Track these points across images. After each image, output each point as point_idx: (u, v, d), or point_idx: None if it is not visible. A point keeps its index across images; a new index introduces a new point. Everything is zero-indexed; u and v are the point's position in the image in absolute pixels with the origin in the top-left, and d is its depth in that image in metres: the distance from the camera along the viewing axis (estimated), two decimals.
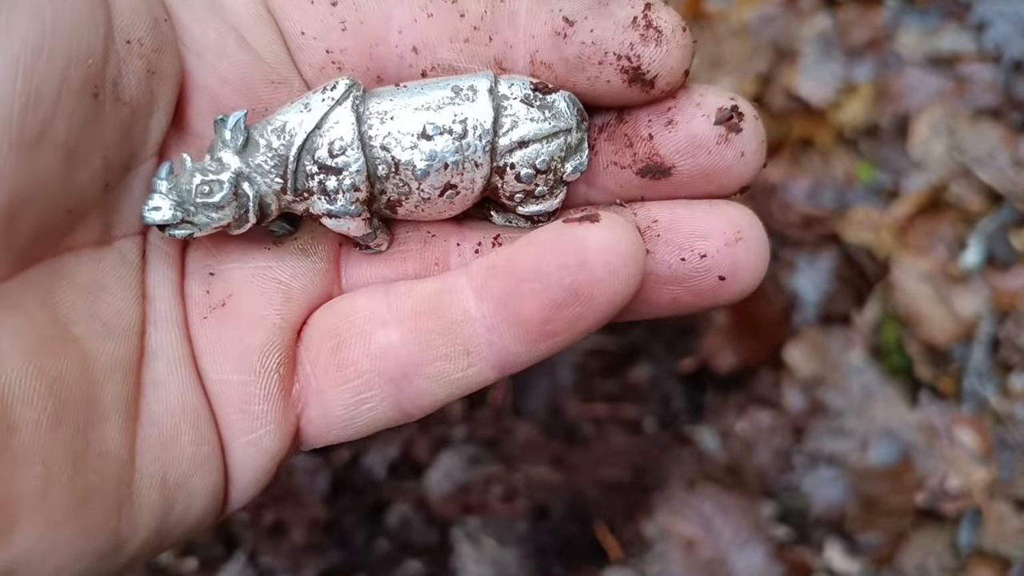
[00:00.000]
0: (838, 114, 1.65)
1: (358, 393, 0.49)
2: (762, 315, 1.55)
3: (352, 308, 0.51)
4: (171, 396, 0.47)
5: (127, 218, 0.48)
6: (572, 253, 0.44)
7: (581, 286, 0.44)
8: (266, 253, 0.52)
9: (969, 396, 1.44)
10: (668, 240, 0.49)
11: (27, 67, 0.38)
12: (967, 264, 1.51)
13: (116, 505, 0.43)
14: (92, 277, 0.46)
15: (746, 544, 1.38)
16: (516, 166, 0.50)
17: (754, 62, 1.69)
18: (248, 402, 0.49)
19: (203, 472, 0.47)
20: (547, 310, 0.45)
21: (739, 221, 0.49)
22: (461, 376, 0.49)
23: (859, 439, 1.44)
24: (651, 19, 0.47)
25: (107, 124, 0.44)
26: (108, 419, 0.44)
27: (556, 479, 1.44)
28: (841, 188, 1.61)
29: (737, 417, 1.49)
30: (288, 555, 1.38)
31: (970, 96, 1.64)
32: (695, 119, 0.49)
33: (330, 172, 0.48)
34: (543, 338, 0.47)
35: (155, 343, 0.48)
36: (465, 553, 1.40)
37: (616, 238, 0.44)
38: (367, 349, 0.49)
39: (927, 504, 1.38)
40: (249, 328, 0.49)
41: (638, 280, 0.45)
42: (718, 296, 0.49)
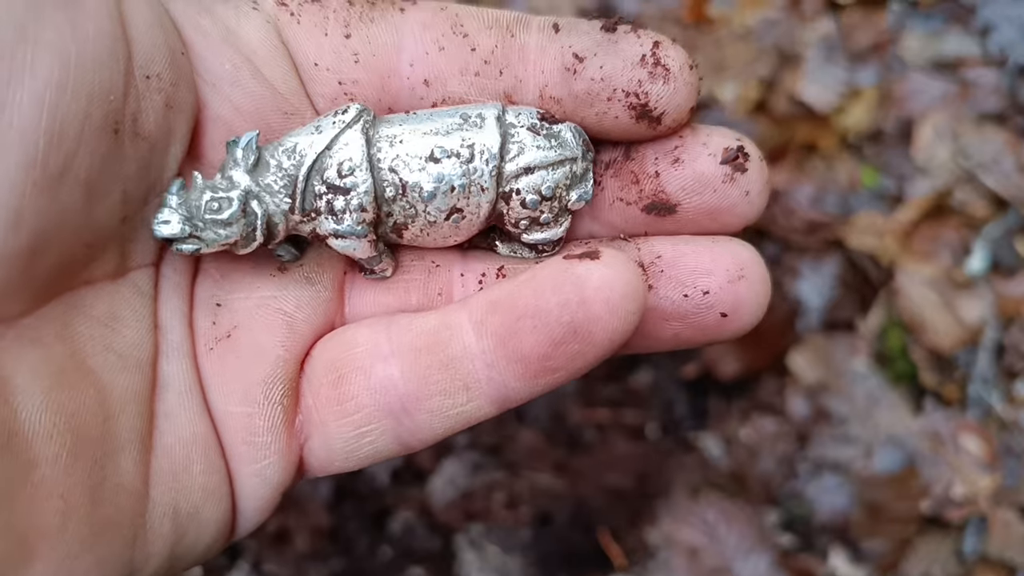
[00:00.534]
0: (842, 119, 1.64)
1: (358, 427, 0.50)
2: (765, 321, 1.53)
3: (353, 341, 0.51)
4: (182, 427, 0.48)
5: (141, 250, 0.49)
6: (572, 291, 0.45)
7: (580, 324, 0.45)
8: (271, 281, 0.52)
9: (974, 403, 1.44)
10: (671, 276, 0.50)
11: (52, 105, 0.38)
12: (972, 270, 1.51)
13: (131, 536, 0.44)
14: (108, 309, 0.46)
15: (750, 552, 1.37)
16: (522, 192, 0.50)
17: (757, 66, 1.68)
18: (253, 433, 0.49)
19: (213, 501, 0.48)
20: (546, 347, 0.45)
21: (742, 258, 0.50)
22: (460, 411, 0.49)
23: (863, 446, 1.44)
24: (659, 57, 0.48)
25: (127, 159, 0.44)
26: (123, 451, 0.44)
27: (559, 486, 1.44)
28: (845, 193, 1.61)
29: (741, 424, 1.48)
30: (292, 563, 1.38)
31: (974, 101, 1.64)
32: (701, 158, 0.50)
33: (338, 192, 0.49)
34: (542, 375, 0.47)
35: (166, 374, 0.48)
36: (468, 560, 1.40)
37: (616, 276, 0.45)
38: (367, 383, 0.50)
39: (932, 511, 1.38)
40: (253, 360, 0.50)
41: (637, 317, 0.45)
42: (719, 332, 0.50)
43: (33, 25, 0.38)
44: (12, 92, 0.37)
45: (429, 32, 0.51)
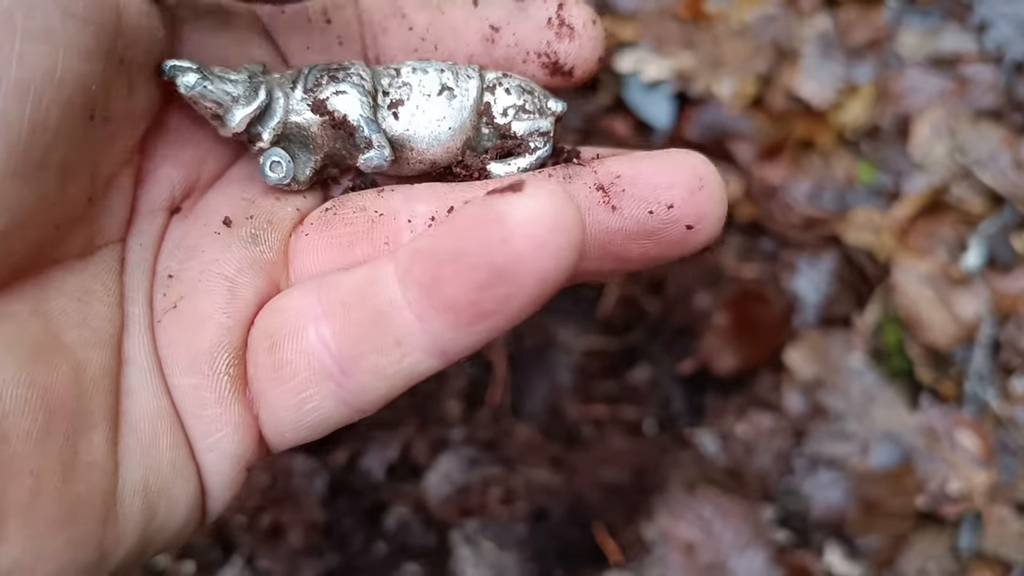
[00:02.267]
0: (839, 115, 1.64)
1: (298, 393, 0.48)
2: (762, 317, 1.54)
3: (286, 304, 0.49)
4: (146, 401, 0.47)
5: (107, 227, 0.48)
6: (492, 229, 0.40)
7: (504, 264, 0.40)
8: (215, 242, 0.50)
9: (970, 399, 1.44)
10: (634, 194, 0.49)
11: (38, 93, 0.38)
12: (968, 266, 1.51)
13: (102, 516, 0.43)
14: (80, 284, 0.46)
15: (746, 548, 1.37)
16: (504, 83, 0.55)
17: (754, 63, 1.68)
18: (201, 406, 0.47)
19: (182, 478, 0.47)
20: (473, 293, 0.42)
21: (700, 169, 0.49)
22: (398, 369, 0.46)
23: (860, 442, 1.44)
24: (564, 17, 0.54)
25: (97, 142, 0.44)
26: (95, 428, 0.44)
27: (555, 481, 1.44)
28: (842, 189, 1.60)
29: (737, 419, 1.48)
30: (286, 558, 1.37)
31: (971, 97, 1.64)
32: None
33: (338, 71, 0.52)
34: (476, 320, 0.43)
35: (129, 349, 0.47)
36: (464, 556, 1.39)
37: (542, 208, 0.40)
38: (300, 347, 0.47)
39: (928, 507, 1.38)
40: (197, 329, 0.48)
41: (572, 252, 0.41)
42: (685, 245, 0.49)
43: (22, 13, 0.38)
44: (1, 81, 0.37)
45: (375, 15, 0.56)
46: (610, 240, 0.48)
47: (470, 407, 1.49)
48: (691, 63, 1.69)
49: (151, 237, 0.50)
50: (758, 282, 1.57)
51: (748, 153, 1.63)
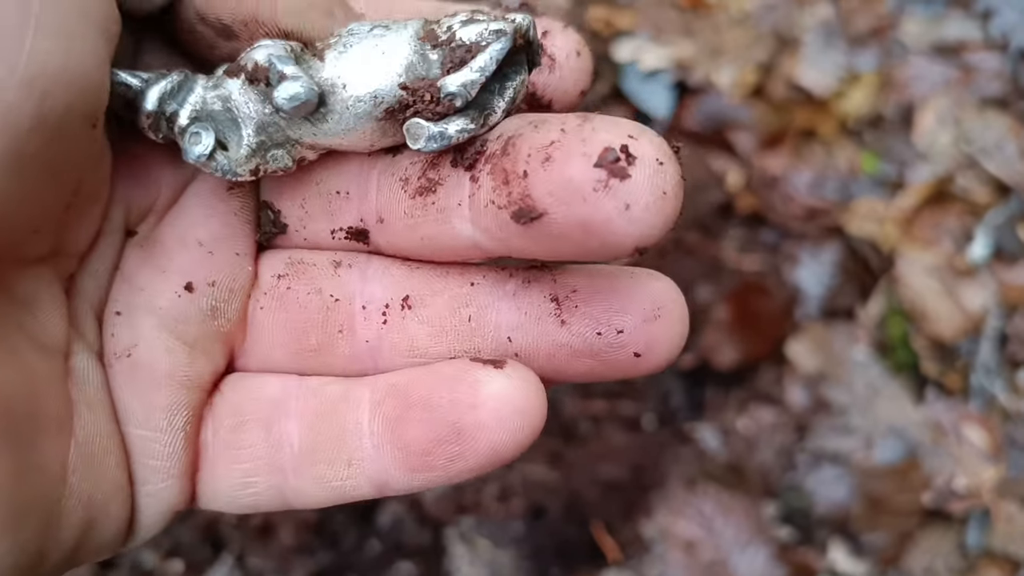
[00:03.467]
0: (841, 104, 1.61)
1: (246, 476, 0.50)
2: (763, 309, 1.51)
3: (262, 390, 0.51)
4: (100, 420, 0.47)
5: (77, 237, 0.47)
6: (465, 392, 0.45)
7: (465, 426, 0.44)
8: (175, 303, 0.50)
9: (977, 392, 1.41)
10: (585, 313, 0.47)
11: (45, 91, 0.37)
12: (974, 257, 1.48)
13: (46, 523, 0.43)
14: (30, 291, 0.45)
15: (748, 545, 1.34)
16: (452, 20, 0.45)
17: (755, 51, 1.65)
18: (151, 456, 0.48)
19: (120, 499, 0.47)
20: (428, 441, 0.45)
21: (659, 296, 0.47)
22: (339, 485, 0.48)
23: (864, 437, 1.41)
24: (545, 46, 0.49)
25: (91, 153, 0.43)
26: (47, 434, 0.43)
27: (553, 478, 1.41)
28: (845, 179, 1.57)
29: (738, 414, 1.45)
30: (277, 556, 1.34)
31: (976, 85, 1.61)
32: (574, 158, 0.39)
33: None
34: (420, 469, 0.46)
35: (80, 368, 0.47)
36: (459, 554, 1.36)
37: (513, 389, 0.44)
38: (267, 436, 0.49)
39: (934, 504, 1.35)
40: (155, 385, 0.48)
41: (527, 435, 0.45)
42: (632, 370, 0.48)
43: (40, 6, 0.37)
44: (9, 74, 0.36)
45: None
46: (555, 354, 0.47)
47: None
48: (690, 52, 1.66)
49: (106, 259, 0.50)
50: (759, 274, 1.54)
51: (749, 143, 1.60)
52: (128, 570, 1.31)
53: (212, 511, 0.53)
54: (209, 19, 0.46)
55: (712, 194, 1.57)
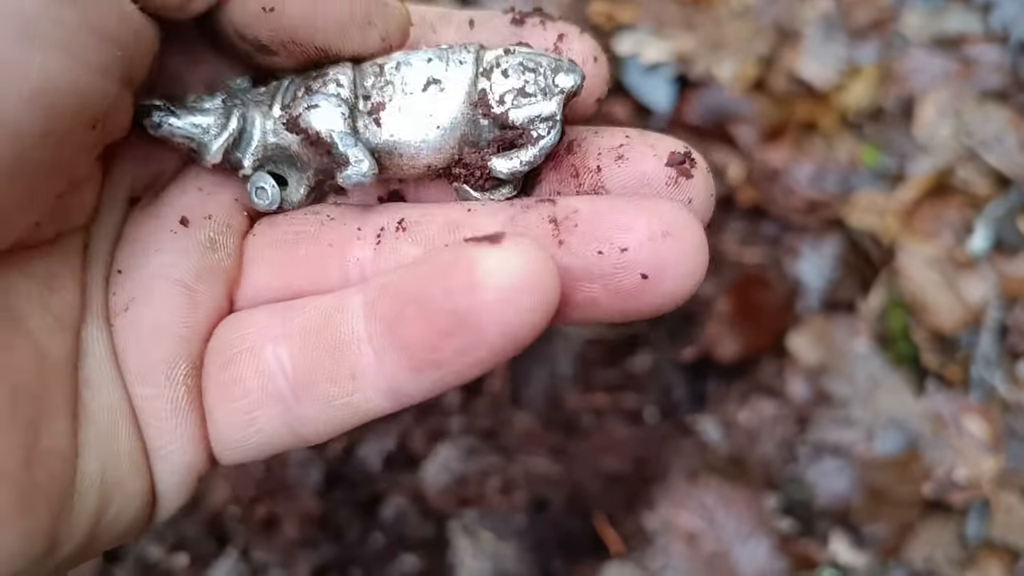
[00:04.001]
0: (842, 97, 1.61)
1: (246, 412, 0.47)
2: (765, 302, 1.52)
3: (250, 321, 0.48)
4: (107, 393, 0.46)
5: (76, 215, 0.47)
6: (461, 275, 0.40)
7: (467, 313, 0.40)
8: (170, 242, 0.49)
9: (977, 384, 1.41)
10: (585, 231, 0.44)
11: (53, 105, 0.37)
12: (974, 249, 1.48)
13: (58, 507, 0.42)
14: (47, 269, 0.45)
15: (750, 537, 1.35)
16: (502, 64, 0.48)
17: (756, 44, 1.65)
18: (156, 416, 0.46)
19: (136, 473, 0.46)
20: (431, 336, 0.41)
21: (668, 216, 0.43)
22: (346, 402, 0.45)
23: (865, 429, 1.41)
24: (561, 50, 0.49)
25: (88, 147, 0.43)
26: (56, 415, 0.42)
27: (555, 471, 1.41)
28: (845, 172, 1.58)
29: (740, 407, 1.46)
30: (281, 550, 1.35)
31: (976, 78, 1.61)
32: (647, 158, 0.47)
33: (316, 79, 0.48)
34: (427, 367, 0.42)
35: (87, 340, 0.46)
36: (462, 547, 1.37)
37: (515, 262, 0.39)
38: (255, 366, 0.47)
39: (934, 495, 1.36)
40: (152, 338, 0.47)
41: (542, 312, 0.40)
42: (642, 298, 0.44)
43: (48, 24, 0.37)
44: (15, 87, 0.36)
45: None
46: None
47: (469, 396, 1.46)
48: (691, 45, 1.66)
49: (111, 228, 0.49)
50: (760, 267, 1.54)
51: (750, 136, 1.60)
52: (133, 564, 1.31)
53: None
54: (248, 37, 0.46)
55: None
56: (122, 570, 1.31)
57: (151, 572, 1.31)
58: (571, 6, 1.70)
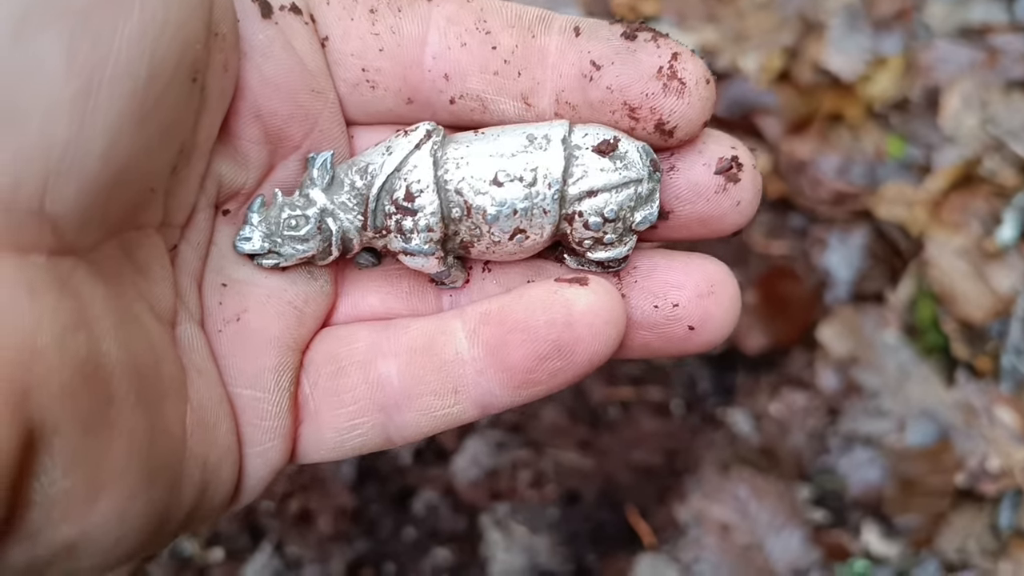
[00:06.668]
0: (867, 88, 1.61)
1: (351, 419, 0.53)
2: (793, 294, 1.52)
3: (354, 337, 0.54)
4: (210, 386, 0.49)
5: (178, 207, 0.49)
6: (560, 312, 0.49)
7: (565, 343, 0.49)
8: (277, 272, 0.54)
9: (1007, 374, 1.41)
10: (644, 287, 0.52)
11: (155, 42, 0.39)
12: (1003, 239, 1.48)
13: (173, 483, 0.45)
14: (145, 258, 0.46)
15: (783, 528, 1.35)
16: (584, 214, 0.51)
17: (780, 35, 1.65)
18: (260, 417, 0.51)
19: (231, 461, 0.50)
20: (531, 360, 0.49)
21: (713, 275, 0.52)
22: (446, 413, 0.52)
23: (896, 419, 1.41)
24: (676, 70, 0.48)
25: (192, 111, 0.45)
26: (169, 398, 0.45)
27: (586, 464, 1.42)
28: (872, 163, 1.58)
29: (770, 398, 1.46)
30: (315, 545, 1.35)
31: (1002, 68, 1.61)
32: (696, 167, 0.51)
33: (406, 213, 0.50)
34: (525, 385, 0.50)
35: (185, 336, 0.49)
36: (494, 540, 1.37)
37: (601, 303, 0.49)
38: (366, 378, 0.52)
39: (966, 485, 1.36)
40: (265, 347, 0.52)
41: (617, 342, 0.50)
42: (687, 344, 0.52)
43: None
44: (123, 22, 0.37)
45: (453, 27, 0.51)
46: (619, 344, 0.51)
47: None
48: (715, 37, 1.66)
49: (201, 233, 0.52)
50: (788, 259, 1.54)
51: (775, 128, 1.60)
52: (168, 558, 1.32)
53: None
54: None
55: None
56: (157, 566, 1.31)
57: (186, 567, 1.32)
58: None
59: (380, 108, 0.53)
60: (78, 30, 0.36)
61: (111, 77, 0.37)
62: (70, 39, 0.36)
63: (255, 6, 0.48)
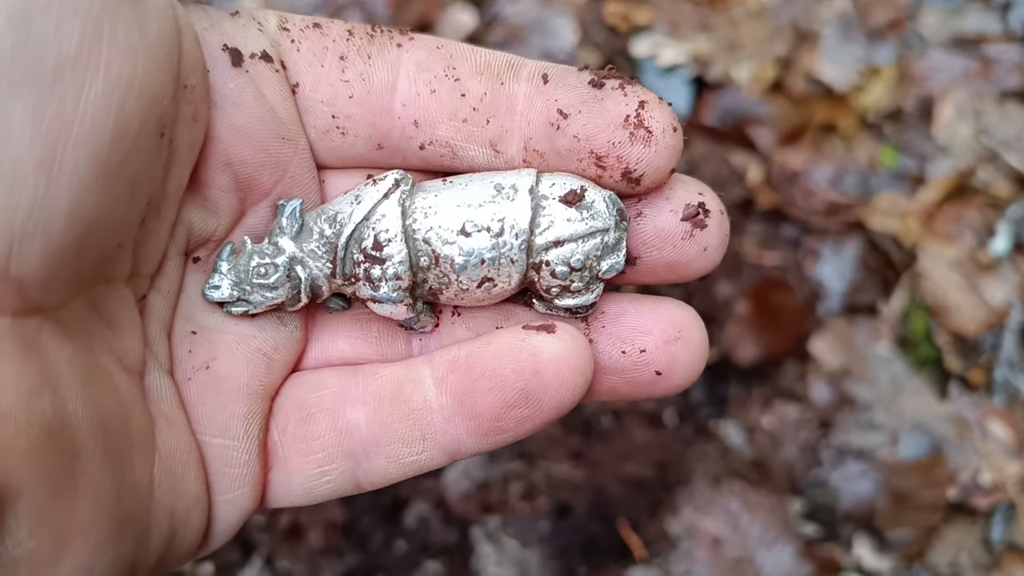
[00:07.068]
0: (860, 98, 1.60)
1: (320, 465, 0.53)
2: (785, 305, 1.51)
3: (322, 383, 0.54)
4: (179, 435, 0.49)
5: (146, 258, 0.49)
6: (527, 360, 0.49)
7: (532, 391, 0.49)
8: (247, 319, 0.54)
9: (1000, 387, 1.41)
10: (612, 333, 0.53)
11: (120, 101, 0.39)
12: (996, 251, 1.48)
13: (140, 535, 0.45)
14: (113, 311, 0.47)
15: (774, 542, 1.35)
16: (551, 264, 0.51)
17: (773, 45, 1.64)
18: (229, 464, 0.51)
19: (200, 510, 0.50)
20: (499, 408, 0.49)
21: (680, 321, 0.52)
22: (415, 460, 0.52)
23: (888, 433, 1.41)
24: (643, 118, 0.48)
25: (160, 164, 0.45)
26: (135, 450, 0.45)
27: (577, 476, 1.41)
28: (865, 174, 1.57)
29: (762, 411, 1.45)
30: (305, 559, 1.35)
31: (996, 78, 1.60)
32: (663, 213, 0.51)
33: (375, 261, 0.51)
34: (492, 433, 0.50)
35: (155, 386, 0.49)
36: (486, 553, 1.37)
37: (568, 351, 0.49)
38: (334, 424, 0.52)
39: (959, 498, 1.35)
40: (234, 395, 0.52)
41: (584, 389, 0.50)
42: (654, 389, 0.53)
43: (108, 22, 0.38)
44: (88, 85, 0.37)
45: (423, 73, 0.51)
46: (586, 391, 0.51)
47: None
48: (708, 47, 1.66)
49: (173, 281, 0.52)
50: (780, 270, 1.54)
51: (768, 138, 1.59)
52: None
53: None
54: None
55: (733, 190, 1.57)
56: None
57: None
58: (587, 7, 1.69)
59: (351, 153, 0.53)
60: (44, 95, 0.36)
61: (76, 138, 0.37)
62: (35, 104, 0.36)
63: (226, 55, 0.48)
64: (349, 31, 0.52)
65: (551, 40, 1.68)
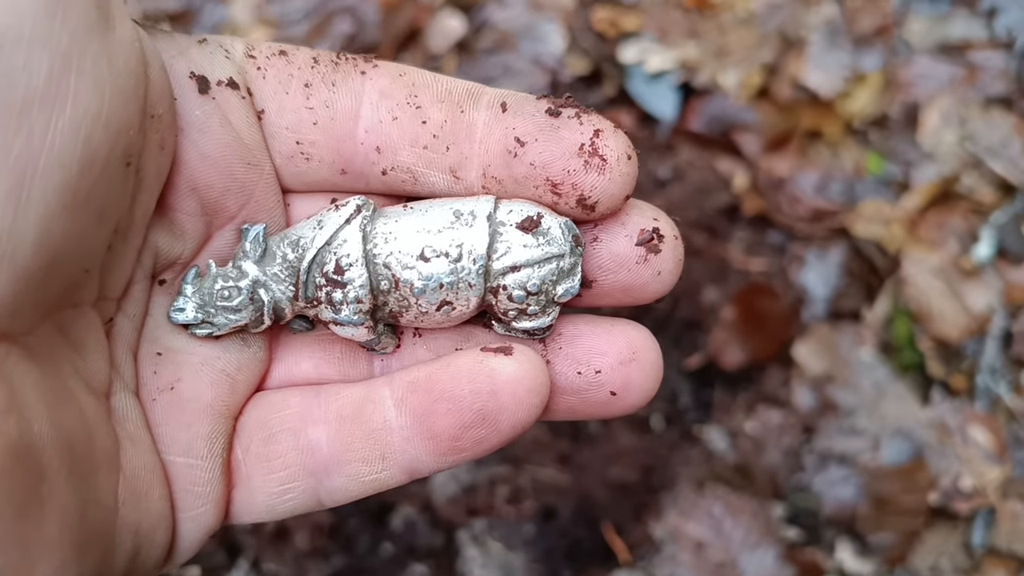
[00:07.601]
0: (846, 104, 1.61)
1: (282, 483, 0.54)
2: (770, 311, 1.52)
3: (285, 403, 0.55)
4: (143, 455, 0.50)
5: (115, 280, 0.50)
6: (484, 381, 0.50)
7: (489, 412, 0.50)
8: (210, 341, 0.55)
9: (982, 393, 1.42)
10: (568, 354, 0.54)
11: (88, 133, 0.40)
12: (979, 257, 1.49)
13: (104, 552, 0.46)
14: (79, 334, 0.48)
15: (757, 546, 1.36)
16: (508, 288, 0.52)
17: (760, 52, 1.65)
18: (193, 483, 0.52)
19: (164, 527, 0.51)
20: (457, 429, 0.51)
21: (635, 342, 0.53)
22: (375, 478, 0.53)
23: (871, 438, 1.42)
24: (598, 147, 0.50)
25: (127, 192, 0.46)
26: (100, 470, 0.46)
27: (563, 480, 1.42)
28: (850, 180, 1.58)
29: (746, 416, 1.47)
30: (292, 561, 1.36)
31: (981, 84, 1.61)
32: (618, 238, 0.53)
33: (336, 285, 0.52)
34: (450, 453, 0.51)
35: (120, 407, 0.50)
36: (471, 557, 1.38)
37: (524, 372, 0.50)
38: (296, 444, 0.54)
39: (940, 503, 1.37)
40: (198, 415, 0.53)
41: (540, 410, 0.51)
42: (609, 409, 0.54)
43: (77, 55, 0.39)
44: (56, 118, 0.38)
45: (386, 101, 0.52)
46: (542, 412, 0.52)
47: None
48: (695, 53, 1.67)
49: (139, 304, 0.53)
50: (766, 275, 1.55)
51: (754, 144, 1.61)
52: None
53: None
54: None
55: (719, 196, 1.58)
56: None
57: None
58: (576, 14, 1.70)
59: (315, 178, 0.54)
60: (12, 127, 0.37)
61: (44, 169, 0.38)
62: (3, 136, 0.37)
63: (192, 82, 0.49)
64: (315, 59, 0.53)
65: (540, 46, 1.69)
